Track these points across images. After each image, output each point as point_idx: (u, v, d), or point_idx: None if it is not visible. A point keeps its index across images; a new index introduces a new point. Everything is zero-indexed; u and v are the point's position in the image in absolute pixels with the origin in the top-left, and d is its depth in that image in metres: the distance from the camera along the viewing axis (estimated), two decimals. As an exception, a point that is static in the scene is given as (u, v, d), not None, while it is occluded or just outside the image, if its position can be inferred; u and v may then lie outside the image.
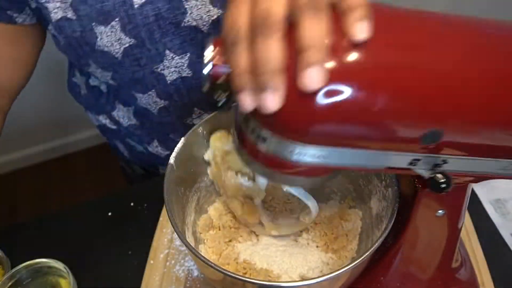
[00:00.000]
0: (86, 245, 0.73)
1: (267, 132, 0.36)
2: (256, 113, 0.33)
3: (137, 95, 0.76)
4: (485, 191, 0.74)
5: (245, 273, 0.59)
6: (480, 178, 0.43)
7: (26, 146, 1.93)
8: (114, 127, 0.87)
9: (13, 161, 1.94)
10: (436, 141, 0.36)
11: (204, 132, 0.60)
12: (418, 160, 0.39)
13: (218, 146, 0.59)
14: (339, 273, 0.45)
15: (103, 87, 0.82)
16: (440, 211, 0.49)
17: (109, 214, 0.77)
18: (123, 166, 1.04)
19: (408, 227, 0.52)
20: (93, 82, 0.83)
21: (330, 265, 0.61)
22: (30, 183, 1.92)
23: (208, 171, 0.62)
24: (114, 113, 0.84)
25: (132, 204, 0.78)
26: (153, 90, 0.74)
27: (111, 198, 0.82)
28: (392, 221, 0.49)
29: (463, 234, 0.67)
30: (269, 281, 0.59)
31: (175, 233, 0.72)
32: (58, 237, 0.74)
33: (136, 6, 0.63)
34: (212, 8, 0.66)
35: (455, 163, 0.40)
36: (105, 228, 0.75)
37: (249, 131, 0.37)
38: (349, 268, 0.45)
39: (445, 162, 0.39)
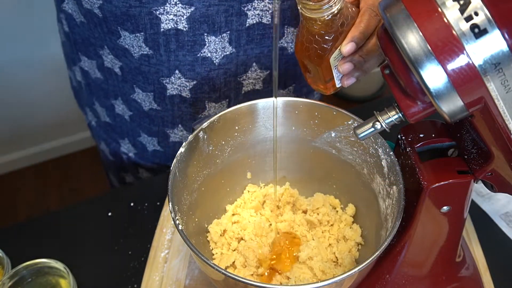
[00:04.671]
0: (86, 245, 0.73)
1: None
2: None
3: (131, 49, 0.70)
4: (492, 207, 0.73)
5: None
6: None
7: (26, 146, 1.93)
8: (128, 114, 0.84)
9: (13, 161, 1.94)
10: None
11: (205, 137, 0.60)
12: None
13: None
14: (344, 277, 0.45)
15: (117, 70, 0.78)
16: (445, 207, 0.49)
17: (109, 214, 0.77)
18: (112, 175, 1.01)
19: (412, 224, 0.52)
20: (106, 63, 0.78)
21: (335, 267, 0.61)
22: (30, 183, 1.92)
23: None
24: (134, 96, 0.80)
25: (132, 204, 0.78)
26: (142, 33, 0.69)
27: (111, 198, 0.82)
28: (400, 220, 0.48)
29: (464, 235, 0.67)
30: (271, 283, 0.59)
31: (175, 233, 0.72)
32: (58, 237, 0.74)
33: None
34: None
35: None
36: (105, 228, 0.75)
37: None
38: (355, 271, 0.45)
39: None
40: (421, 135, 0.52)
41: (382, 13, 0.37)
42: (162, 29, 0.67)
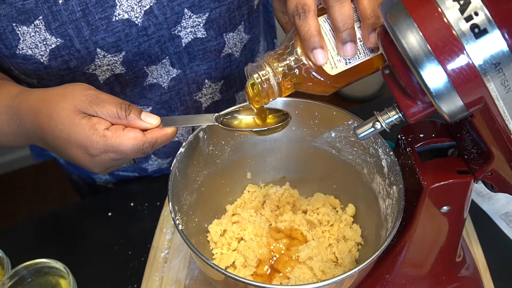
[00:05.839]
0: (86, 245, 0.73)
1: None
2: None
3: None
4: (492, 207, 0.73)
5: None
6: None
7: (26, 146, 1.93)
8: None
9: (13, 161, 1.94)
10: None
11: (205, 137, 0.60)
12: None
13: None
14: (344, 277, 0.45)
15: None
16: (445, 208, 0.49)
17: (109, 214, 0.77)
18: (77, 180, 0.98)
19: (412, 224, 0.52)
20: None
21: (335, 268, 0.61)
22: (30, 183, 1.92)
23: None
24: None
25: (132, 204, 0.78)
26: None
27: (111, 198, 0.82)
28: (400, 220, 0.49)
29: (464, 235, 0.67)
30: (271, 283, 0.59)
31: (175, 233, 0.72)
32: (58, 237, 0.74)
33: (60, 1, 0.58)
34: None
35: None
36: (105, 228, 0.75)
37: None
38: (355, 271, 0.45)
39: None
40: (421, 135, 0.52)
41: (382, 14, 0.38)
42: (101, 81, 0.68)
